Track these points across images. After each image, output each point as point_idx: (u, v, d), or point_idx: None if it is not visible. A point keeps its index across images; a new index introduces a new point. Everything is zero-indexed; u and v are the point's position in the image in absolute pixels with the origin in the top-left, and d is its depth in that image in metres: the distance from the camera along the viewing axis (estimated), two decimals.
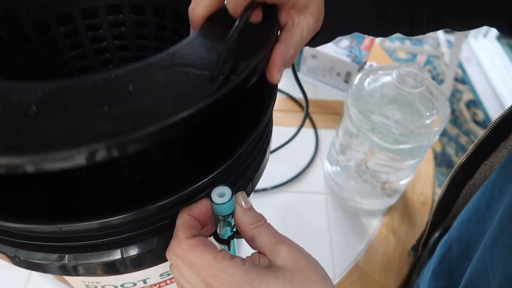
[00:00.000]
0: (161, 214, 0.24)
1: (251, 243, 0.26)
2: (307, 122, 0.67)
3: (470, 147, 0.37)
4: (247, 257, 0.25)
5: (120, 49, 0.43)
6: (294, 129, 0.66)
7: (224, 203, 0.24)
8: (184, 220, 0.24)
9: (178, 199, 0.23)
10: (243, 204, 0.26)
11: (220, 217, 0.25)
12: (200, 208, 0.24)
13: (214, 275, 0.23)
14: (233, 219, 0.26)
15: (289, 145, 0.64)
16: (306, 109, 0.46)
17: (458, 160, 0.39)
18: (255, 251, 0.26)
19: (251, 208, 0.26)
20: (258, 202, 0.56)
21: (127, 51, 0.44)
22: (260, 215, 0.26)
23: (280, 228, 0.26)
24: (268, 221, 0.26)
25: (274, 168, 0.59)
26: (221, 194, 0.25)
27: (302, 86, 0.40)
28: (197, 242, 0.23)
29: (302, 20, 0.26)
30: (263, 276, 0.23)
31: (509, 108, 0.32)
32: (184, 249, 0.23)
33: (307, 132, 0.66)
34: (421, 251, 0.48)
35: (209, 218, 0.25)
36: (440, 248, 0.40)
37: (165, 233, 0.25)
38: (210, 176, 0.24)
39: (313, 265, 0.24)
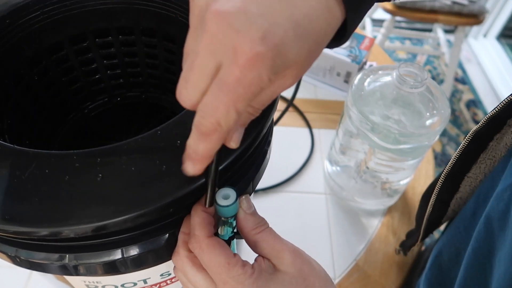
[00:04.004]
0: (161, 214, 0.24)
1: (254, 248, 0.26)
2: (303, 122, 0.67)
3: (450, 162, 0.37)
4: (254, 263, 0.25)
5: (112, 76, 0.44)
6: (294, 129, 0.66)
7: (228, 206, 0.24)
8: (200, 219, 0.24)
9: (178, 199, 0.23)
10: (247, 208, 0.26)
11: (222, 218, 0.25)
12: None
13: (225, 280, 0.23)
14: (235, 221, 0.26)
15: (287, 146, 0.64)
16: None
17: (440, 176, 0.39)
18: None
19: (254, 213, 0.26)
20: (257, 203, 0.56)
21: (119, 73, 0.45)
22: (263, 219, 0.26)
23: (281, 228, 0.26)
24: (270, 225, 0.26)
25: (273, 169, 0.59)
26: (225, 196, 0.25)
27: None
28: (215, 242, 0.24)
29: (278, 80, 0.20)
30: (270, 285, 0.24)
31: (484, 120, 0.33)
32: (202, 248, 0.23)
33: (304, 131, 0.66)
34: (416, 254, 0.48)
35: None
36: (432, 253, 0.40)
37: (165, 233, 0.26)
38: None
39: (316, 270, 0.25)
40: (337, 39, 0.21)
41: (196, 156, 0.21)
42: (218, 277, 0.23)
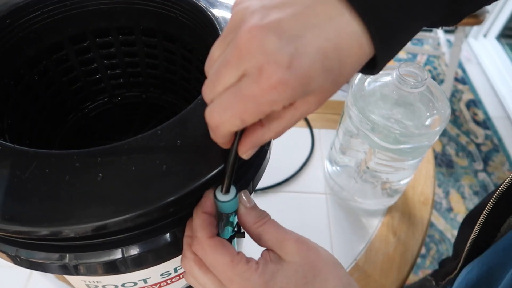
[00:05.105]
0: (161, 214, 0.24)
1: (258, 241, 0.26)
2: (303, 121, 0.67)
3: (505, 182, 0.34)
4: (259, 258, 0.25)
5: (112, 76, 0.45)
6: (294, 129, 0.66)
7: (228, 201, 0.24)
8: (200, 220, 0.24)
9: (178, 199, 0.23)
10: (247, 203, 0.26)
11: (223, 215, 0.25)
12: (210, 203, 0.25)
13: (230, 278, 0.23)
14: (235, 218, 0.26)
15: (287, 146, 0.64)
16: None
17: (493, 195, 0.34)
18: (264, 249, 0.26)
19: (254, 207, 0.26)
20: (257, 202, 0.56)
21: (119, 73, 0.45)
22: (264, 212, 0.26)
23: None
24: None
25: (273, 168, 0.59)
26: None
27: None
28: (217, 242, 0.24)
29: (299, 107, 0.21)
30: (277, 277, 0.23)
31: None
32: (205, 249, 0.24)
33: (304, 131, 0.66)
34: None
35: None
36: (464, 270, 0.37)
37: (166, 233, 0.26)
38: (209, 176, 0.24)
39: (323, 256, 0.25)
40: (369, 68, 0.21)
41: (213, 139, 0.23)
42: (224, 276, 0.23)
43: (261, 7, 0.19)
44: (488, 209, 0.35)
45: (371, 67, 0.21)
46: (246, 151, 0.23)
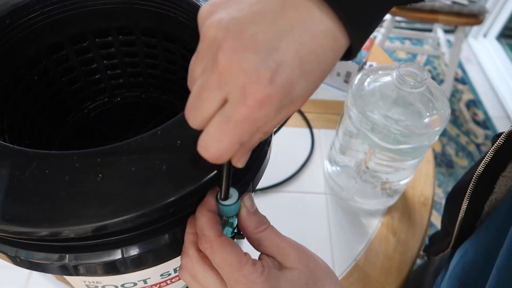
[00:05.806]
0: (161, 214, 0.24)
1: (257, 247, 0.26)
2: (303, 121, 0.67)
3: (483, 161, 0.34)
4: (262, 261, 0.25)
5: (112, 76, 0.45)
6: (294, 129, 0.66)
7: (231, 205, 0.24)
8: (207, 218, 0.24)
9: (178, 199, 0.23)
10: (250, 206, 0.26)
11: (223, 217, 0.25)
12: (214, 202, 0.25)
13: (237, 279, 0.23)
14: (235, 220, 0.26)
15: (287, 146, 0.64)
16: None
17: (473, 174, 0.35)
18: (259, 253, 0.26)
19: (256, 212, 0.26)
20: (257, 203, 0.56)
21: (119, 73, 0.45)
22: (265, 218, 0.26)
23: (280, 228, 0.26)
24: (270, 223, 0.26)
25: (273, 168, 0.59)
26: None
27: None
28: (226, 242, 0.24)
29: (285, 111, 0.20)
30: (280, 282, 0.24)
31: None
32: (213, 248, 0.24)
33: (304, 131, 0.66)
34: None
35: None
36: (457, 253, 0.38)
37: (165, 233, 0.26)
38: (209, 176, 0.24)
39: (320, 264, 0.26)
40: (345, 57, 0.21)
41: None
42: (230, 276, 0.23)
43: (232, 19, 0.18)
44: (471, 189, 0.36)
45: (347, 55, 0.21)
46: (239, 159, 0.22)
